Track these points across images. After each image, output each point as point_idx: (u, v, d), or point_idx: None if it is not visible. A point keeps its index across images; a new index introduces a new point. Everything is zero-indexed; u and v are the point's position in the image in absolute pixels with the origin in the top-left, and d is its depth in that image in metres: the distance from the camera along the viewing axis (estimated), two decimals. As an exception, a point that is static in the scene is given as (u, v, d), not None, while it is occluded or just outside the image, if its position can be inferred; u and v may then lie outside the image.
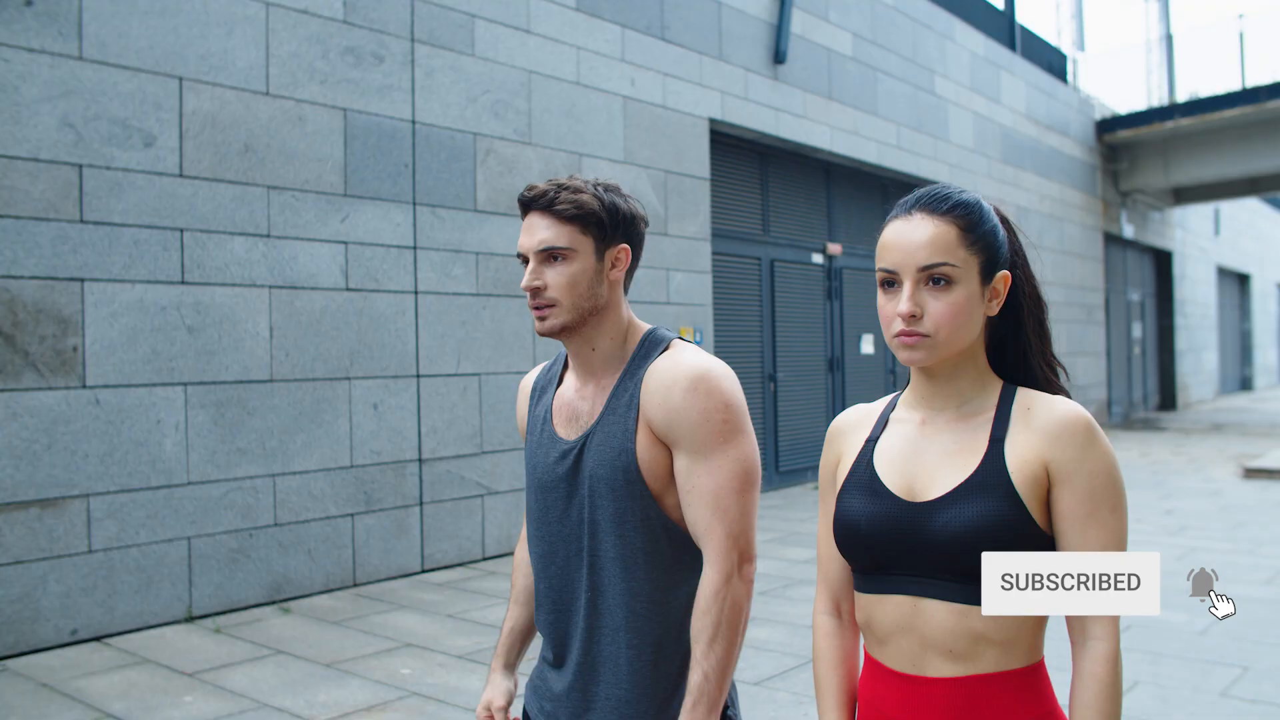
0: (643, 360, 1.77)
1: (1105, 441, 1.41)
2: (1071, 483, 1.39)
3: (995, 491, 1.40)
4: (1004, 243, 1.50)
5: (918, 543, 1.43)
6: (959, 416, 1.49)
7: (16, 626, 4.79)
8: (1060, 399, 1.45)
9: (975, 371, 1.50)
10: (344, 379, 6.08)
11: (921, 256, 1.41)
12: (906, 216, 1.46)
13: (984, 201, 1.50)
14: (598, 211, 1.72)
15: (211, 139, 5.53)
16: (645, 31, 8.19)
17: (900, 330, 1.43)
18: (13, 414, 4.81)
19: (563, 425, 1.83)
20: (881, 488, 1.49)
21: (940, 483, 1.45)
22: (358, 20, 6.19)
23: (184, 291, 5.40)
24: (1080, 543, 1.38)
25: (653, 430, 1.71)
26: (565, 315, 1.72)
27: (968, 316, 1.43)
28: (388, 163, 6.33)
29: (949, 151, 12.56)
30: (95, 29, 5.10)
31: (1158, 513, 8.80)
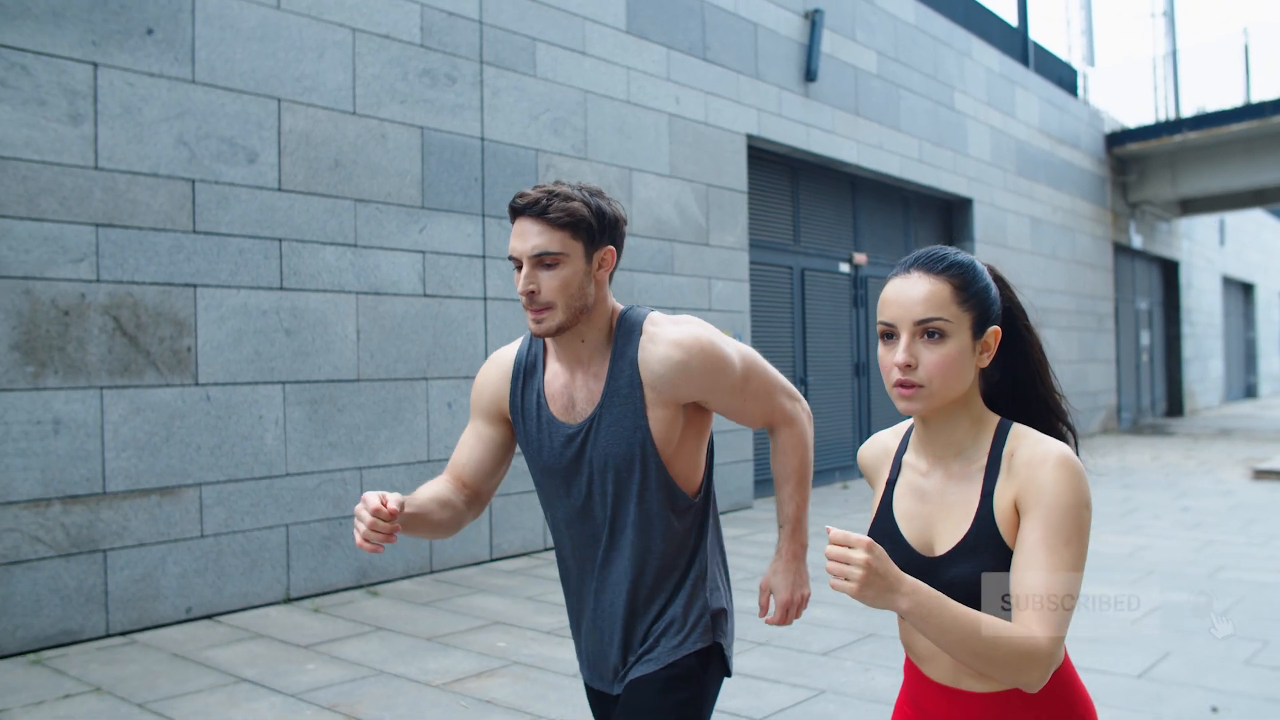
0: (625, 342, 1.92)
1: (1073, 478, 1.49)
2: (1033, 512, 1.49)
3: (987, 549, 1.53)
4: (996, 301, 1.61)
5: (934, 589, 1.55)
6: (957, 467, 1.62)
7: (140, 604, 5.21)
8: (1045, 440, 1.55)
9: (969, 420, 1.62)
10: (422, 379, 6.50)
11: (917, 311, 1.53)
12: (905, 275, 1.58)
13: (978, 262, 1.62)
14: (587, 217, 1.84)
15: (306, 155, 5.97)
16: (688, 52, 8.64)
17: (897, 380, 1.55)
18: (136, 409, 5.23)
19: (561, 412, 1.98)
20: (900, 538, 1.64)
21: (943, 539, 1.59)
22: (433, 44, 6.64)
23: (282, 297, 5.83)
24: (1028, 568, 1.47)
25: (677, 402, 1.92)
26: (560, 316, 1.86)
27: (959, 368, 1.54)
28: (460, 177, 6.77)
29: (967, 165, 13.01)
30: (206, 55, 5.55)
31: (1174, 510, 9.20)
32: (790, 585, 2.05)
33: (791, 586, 2.05)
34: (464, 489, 2.09)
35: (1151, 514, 9.01)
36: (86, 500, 5.05)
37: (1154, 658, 4.78)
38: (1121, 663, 4.70)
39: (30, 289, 4.89)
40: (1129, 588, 6.16)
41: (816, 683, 4.46)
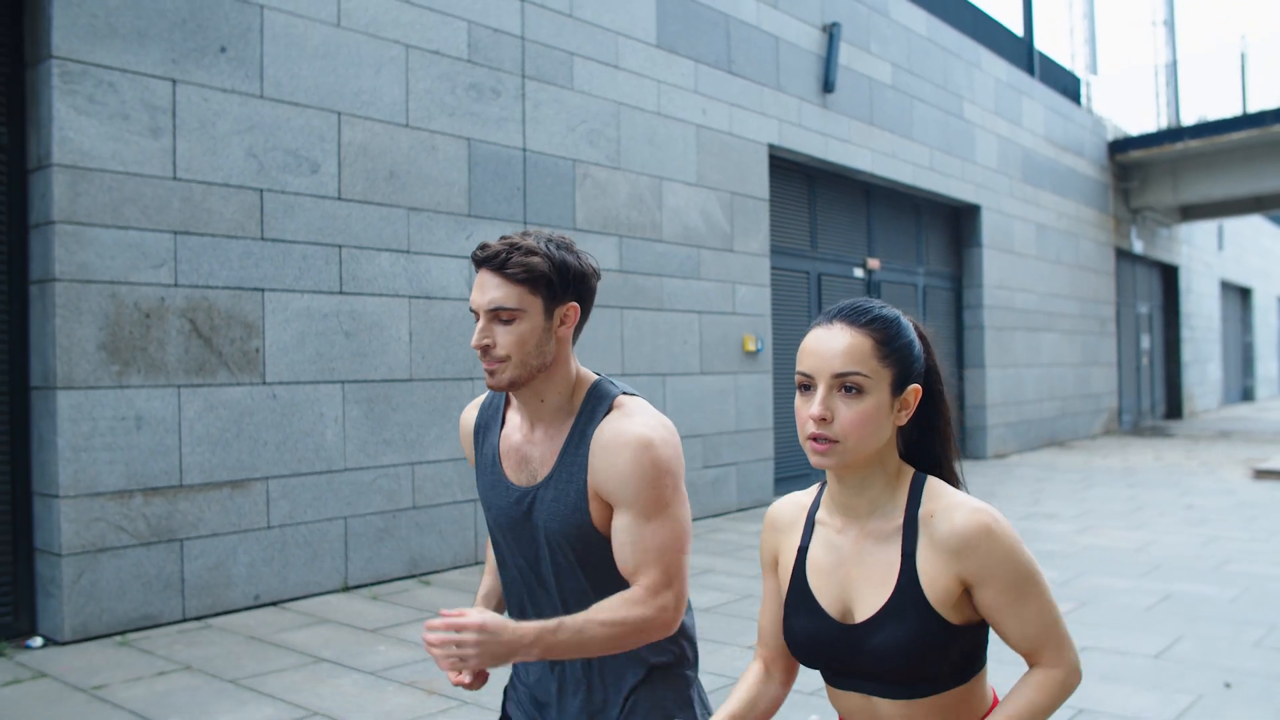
0: (591, 416, 1.84)
1: (1004, 536, 1.50)
2: (988, 584, 1.50)
3: (914, 611, 1.50)
4: (919, 358, 1.58)
5: (856, 660, 1.55)
6: (873, 525, 1.59)
7: (214, 591, 5.53)
8: (957, 507, 1.53)
9: (885, 478, 1.58)
10: (468, 379, 6.82)
11: (836, 364, 1.50)
12: (827, 325, 1.54)
13: (903, 318, 1.59)
14: (547, 273, 1.77)
15: (363, 166, 6.28)
16: (714, 65, 8.97)
17: (811, 434, 1.51)
18: (210, 406, 5.55)
19: (512, 469, 1.91)
20: (817, 608, 1.60)
21: (866, 604, 1.55)
22: (479, 59, 6.96)
23: (341, 301, 6.14)
24: (1017, 625, 1.51)
25: (599, 494, 1.80)
26: (514, 371, 1.79)
27: (875, 425, 1.51)
28: (503, 186, 7.09)
29: (975, 172, 13.35)
30: (273, 71, 5.86)
31: (1179, 508, 9.53)
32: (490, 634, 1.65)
33: (490, 635, 1.65)
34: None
35: (1157, 511, 9.34)
36: (165, 492, 5.37)
37: (1168, 640, 5.11)
38: (1139, 645, 5.03)
39: (115, 293, 5.20)
40: (1138, 580, 6.49)
41: None
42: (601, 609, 1.73)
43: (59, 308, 5.00)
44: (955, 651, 1.52)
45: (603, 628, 1.70)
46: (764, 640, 1.76)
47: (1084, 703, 4.19)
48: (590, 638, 1.70)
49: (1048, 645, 1.52)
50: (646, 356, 8.14)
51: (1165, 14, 21.61)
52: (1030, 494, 10.60)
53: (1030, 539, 7.89)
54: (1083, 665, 1.56)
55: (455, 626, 1.59)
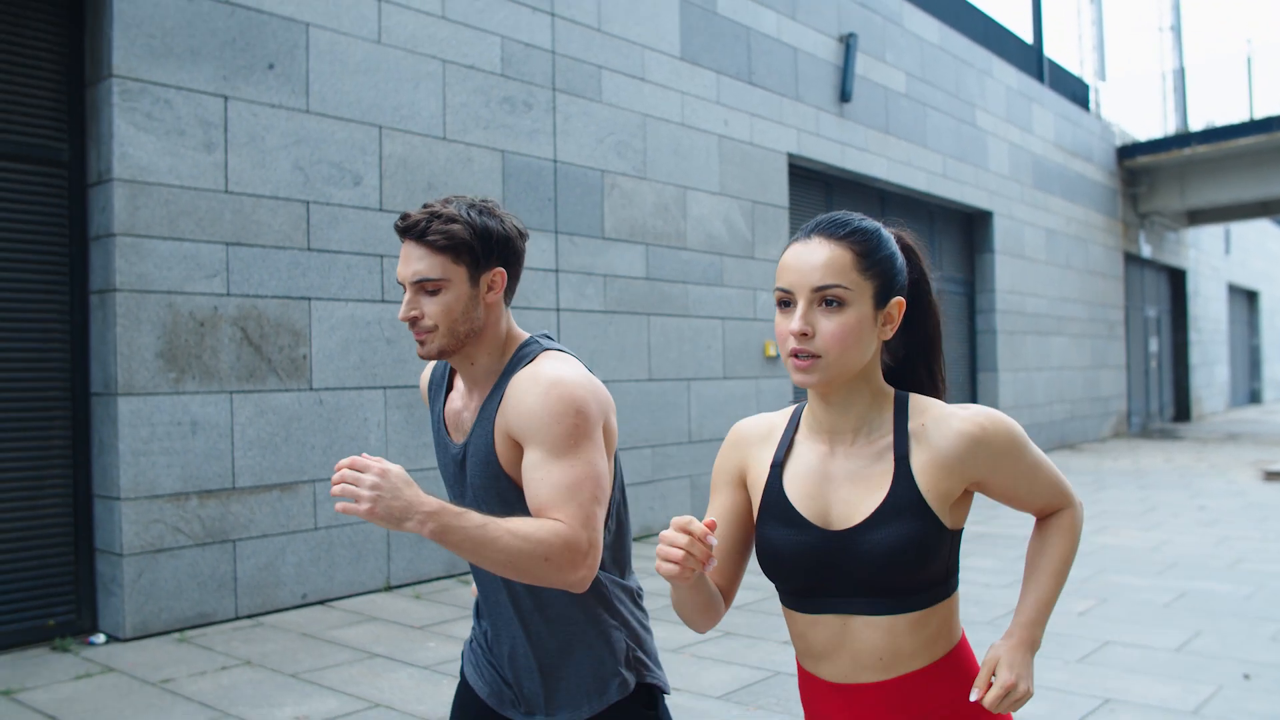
0: (512, 370, 1.84)
1: (1002, 428, 1.53)
2: (999, 474, 1.54)
3: (912, 510, 1.48)
4: (901, 270, 1.54)
5: (843, 568, 1.50)
6: (859, 446, 1.55)
7: (264, 590, 5.73)
8: (949, 415, 1.54)
9: (870, 394, 1.55)
10: (502, 384, 7.01)
11: (815, 278, 1.46)
12: (805, 240, 1.51)
13: (884, 230, 1.55)
14: (469, 240, 1.76)
15: (403, 178, 6.49)
16: (736, 76, 9.17)
17: (793, 349, 1.47)
18: (260, 411, 5.75)
19: (452, 430, 1.95)
20: (799, 518, 1.54)
21: (858, 509, 1.51)
22: (512, 74, 7.16)
23: (383, 309, 6.35)
24: (1030, 492, 1.59)
25: (510, 435, 1.78)
26: (442, 340, 1.80)
27: (858, 338, 1.47)
28: (535, 197, 7.30)
29: (987, 179, 13.54)
30: (318, 87, 6.07)
31: (1191, 509, 9.71)
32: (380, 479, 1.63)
33: (381, 479, 1.62)
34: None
35: (1170, 512, 9.51)
36: (219, 494, 5.57)
37: (1188, 635, 5.29)
38: (1159, 639, 5.22)
39: (172, 302, 5.41)
40: (1155, 578, 6.67)
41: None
42: (513, 520, 1.67)
43: (120, 317, 5.21)
44: (943, 558, 1.51)
45: (507, 534, 1.62)
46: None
47: (1110, 693, 4.38)
48: (491, 539, 1.61)
49: (1057, 497, 1.61)
50: (673, 362, 8.34)
51: (1172, 19, 21.79)
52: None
53: (1048, 539, 8.06)
54: (1106, 657, 1.67)
55: (360, 466, 1.55)
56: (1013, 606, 5.82)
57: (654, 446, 8.16)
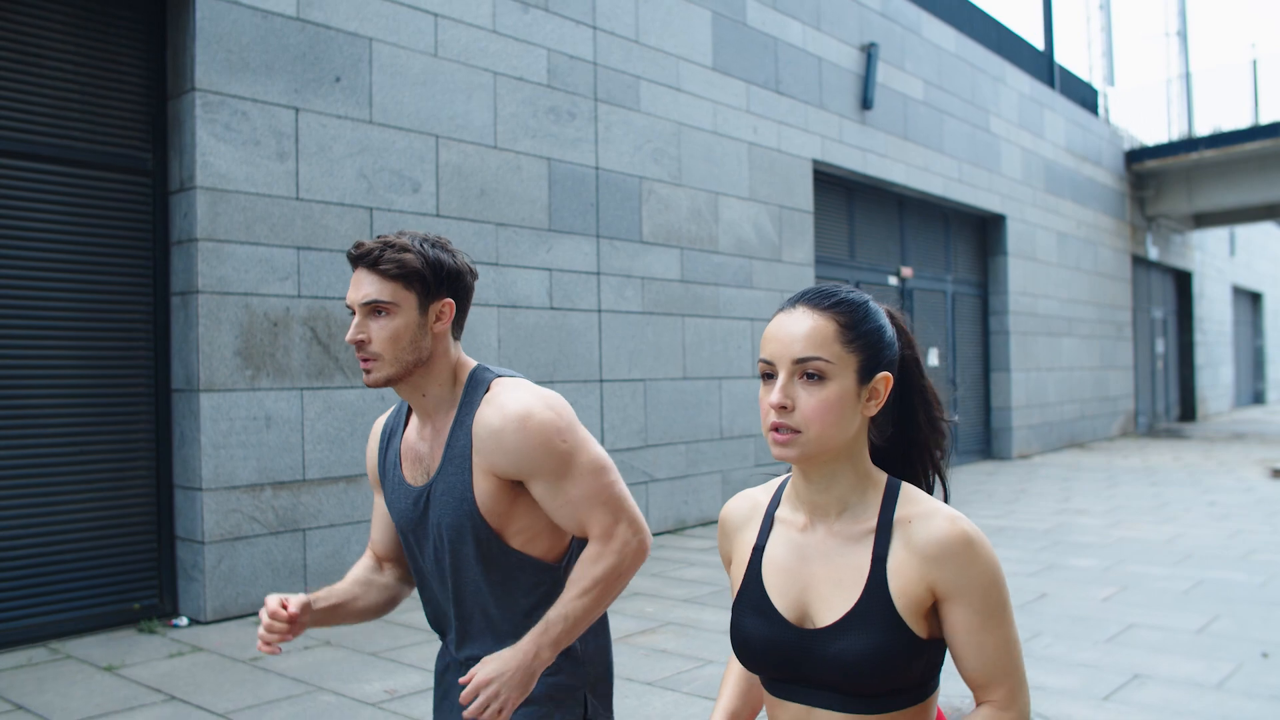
0: (469, 405, 1.86)
1: (985, 552, 1.43)
2: (959, 599, 1.42)
3: (881, 620, 1.42)
4: (890, 344, 1.49)
5: (809, 666, 1.46)
6: (841, 526, 1.49)
7: (331, 577, 6.04)
8: (938, 514, 1.45)
9: (854, 475, 1.49)
10: (549, 382, 7.34)
11: (796, 349, 1.42)
12: (790, 310, 1.46)
13: (872, 303, 1.50)
14: (420, 269, 1.80)
15: (458, 186, 6.81)
16: (764, 86, 9.50)
17: (773, 423, 1.43)
18: (328, 407, 6.07)
19: (409, 469, 1.94)
20: (772, 610, 1.50)
21: (828, 609, 1.46)
22: (558, 84, 7.49)
23: (439, 310, 6.66)
24: (977, 652, 1.42)
25: (495, 474, 1.82)
26: (389, 369, 1.82)
27: (839, 414, 1.42)
28: (578, 203, 7.62)
29: (1001, 183, 13.87)
30: (380, 98, 6.39)
31: (1202, 505, 10.02)
32: (499, 674, 1.76)
33: (499, 675, 1.76)
34: (389, 564, 2.08)
35: (1182, 507, 9.83)
36: (291, 486, 5.89)
37: (1207, 618, 5.60)
38: (1180, 622, 5.53)
39: (249, 304, 5.73)
40: (1172, 568, 6.98)
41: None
42: (571, 585, 1.79)
43: (202, 318, 5.53)
44: (918, 667, 1.44)
45: (584, 598, 1.78)
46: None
47: (1138, 669, 4.70)
48: (580, 612, 1.78)
49: (1005, 683, 1.44)
50: (705, 361, 8.66)
51: (1179, 25, 22.12)
52: (1059, 492, 11.09)
53: (1065, 533, 8.39)
54: (1132, 638, 1.63)
55: (474, 690, 1.72)
56: (1040, 594, 6.15)
57: (687, 443, 8.48)
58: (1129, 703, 4.27)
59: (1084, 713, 4.15)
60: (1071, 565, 7.11)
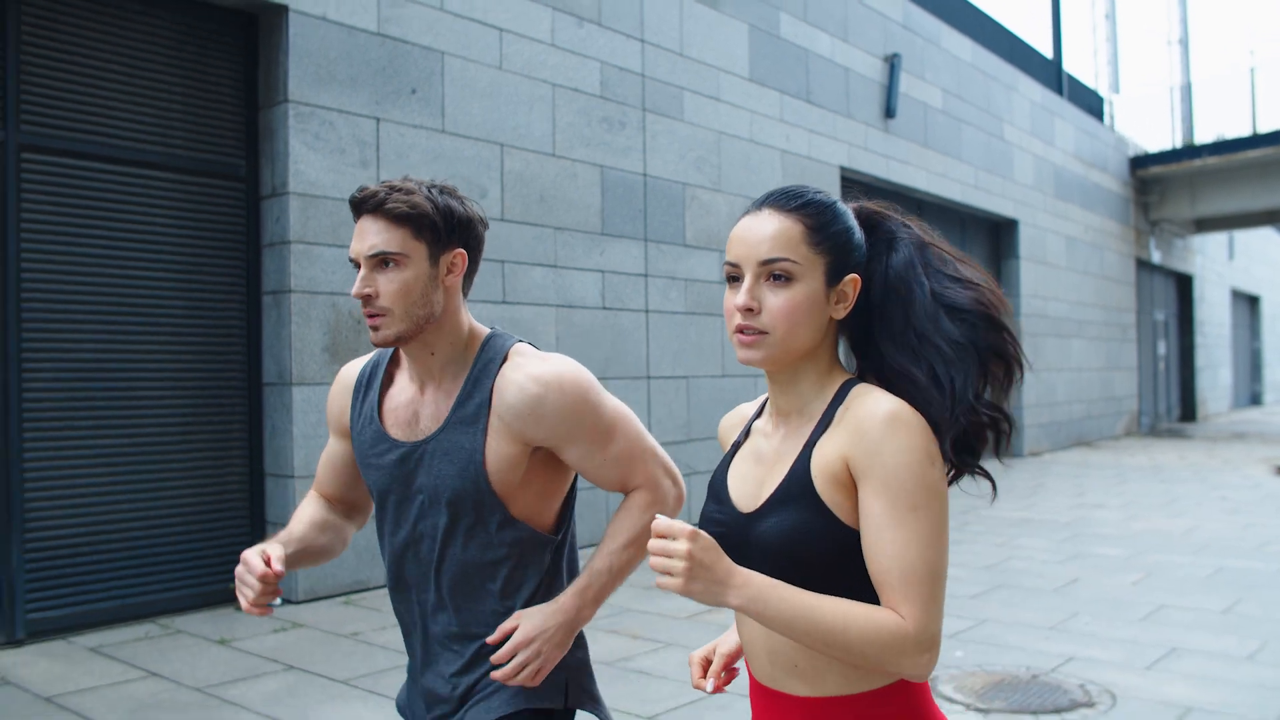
0: (485, 370, 1.75)
1: (909, 434, 1.32)
2: (868, 477, 1.32)
3: (800, 500, 1.36)
4: (859, 246, 1.45)
5: (746, 553, 1.40)
6: (795, 424, 1.47)
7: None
8: (877, 396, 1.38)
9: (816, 375, 1.45)
10: (601, 379, 7.69)
11: (762, 251, 1.38)
12: (756, 212, 1.43)
13: (841, 204, 1.46)
14: (430, 214, 1.68)
15: (520, 192, 7.19)
16: (795, 95, 9.89)
17: (738, 324, 1.40)
18: (405, 400, 6.44)
19: (398, 427, 1.79)
20: (725, 496, 1.49)
21: (761, 492, 1.44)
22: (609, 95, 7.87)
23: (504, 309, 7.04)
24: (877, 548, 1.30)
25: (524, 441, 1.72)
26: (399, 325, 1.68)
27: (806, 315, 1.39)
28: (628, 208, 8.00)
29: (1014, 189, 14.29)
30: (452, 109, 6.76)
31: (1213, 499, 10.44)
32: (540, 631, 1.68)
33: (540, 632, 1.67)
34: (337, 504, 2.00)
35: (1193, 502, 10.24)
36: (372, 473, 6.25)
37: (1231, 601, 6.01)
38: (1207, 604, 5.93)
39: (335, 303, 6.09)
40: (1192, 556, 7.39)
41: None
42: (614, 535, 1.78)
43: (293, 316, 5.89)
44: (849, 565, 1.34)
45: (630, 549, 1.77)
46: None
47: (1174, 643, 5.09)
48: (624, 563, 1.78)
49: (907, 598, 1.29)
50: (742, 359, 9.04)
51: (1180, 33, 22.58)
52: (1073, 488, 11.51)
53: (1086, 525, 8.80)
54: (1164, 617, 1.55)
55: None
56: (1072, 579, 6.54)
57: (726, 437, 8.86)
58: (1171, 671, 4.67)
59: (1132, 680, 4.55)
60: (1097, 554, 7.51)
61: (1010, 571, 6.85)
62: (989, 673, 4.68)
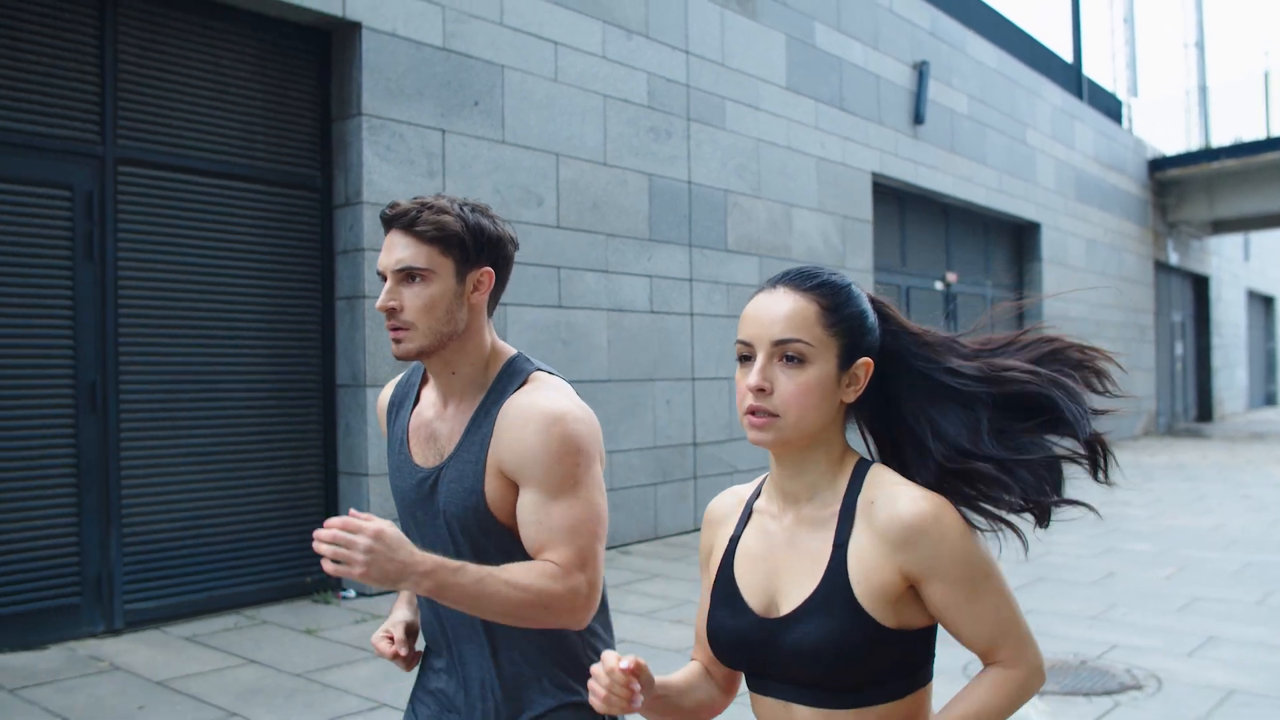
0: (501, 392, 1.73)
1: (953, 523, 1.37)
2: (936, 578, 1.36)
3: (839, 607, 1.36)
4: (872, 329, 1.45)
5: (775, 658, 1.41)
6: (809, 511, 1.45)
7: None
8: (900, 493, 1.39)
9: (827, 461, 1.45)
10: (649, 380, 8.00)
11: (776, 330, 1.37)
12: (770, 290, 1.42)
13: (855, 286, 1.46)
14: (460, 233, 1.68)
15: (574, 200, 7.47)
16: (829, 103, 10.16)
17: (750, 406, 1.39)
18: (469, 400, 6.72)
19: (419, 447, 1.79)
20: (741, 604, 1.46)
21: (790, 597, 1.41)
22: (656, 105, 8.15)
23: (559, 314, 7.32)
24: (970, 622, 1.38)
25: (502, 470, 1.67)
26: (421, 339, 1.68)
27: (819, 399, 1.38)
28: (674, 215, 8.28)
29: (1036, 193, 14.54)
30: (511, 121, 7.05)
31: (1237, 497, 10.68)
32: (388, 547, 1.47)
33: (387, 548, 1.47)
34: None
35: (1218, 500, 10.48)
36: (438, 471, 6.53)
37: (1262, 593, 6.26)
38: (1239, 596, 6.19)
39: (405, 307, 6.37)
40: (1222, 552, 7.63)
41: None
42: (510, 569, 1.59)
43: (366, 320, 6.18)
44: (884, 659, 1.38)
45: (506, 587, 1.56)
46: (700, 643, 1.59)
47: (1211, 632, 5.35)
48: (490, 593, 1.56)
49: (1006, 644, 1.40)
50: (780, 361, 9.31)
51: (1196, 36, 22.77)
52: (1099, 486, 11.71)
53: (1117, 521, 9.05)
54: (1199, 609, 1.74)
55: (352, 528, 1.45)
56: (1108, 573, 6.80)
57: (765, 436, 9.13)
58: (1210, 658, 4.93)
59: (1175, 665, 4.81)
60: (1129, 549, 7.77)
61: (1049, 566, 7.10)
62: (1040, 659, 4.95)
